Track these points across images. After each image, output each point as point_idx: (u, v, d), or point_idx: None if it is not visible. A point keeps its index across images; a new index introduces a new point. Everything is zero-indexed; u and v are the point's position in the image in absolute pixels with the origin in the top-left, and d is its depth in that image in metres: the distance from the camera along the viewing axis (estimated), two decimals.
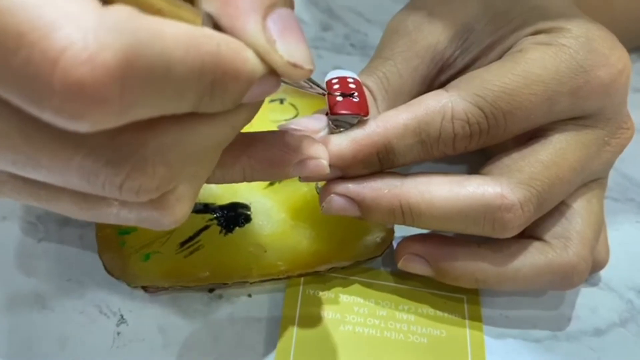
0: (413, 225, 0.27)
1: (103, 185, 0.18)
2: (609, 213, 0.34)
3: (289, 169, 0.24)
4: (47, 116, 0.16)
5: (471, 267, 0.27)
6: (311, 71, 0.20)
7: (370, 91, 0.28)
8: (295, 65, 0.19)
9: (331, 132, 0.26)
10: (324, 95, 0.25)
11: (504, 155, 0.27)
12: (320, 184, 0.27)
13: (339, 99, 0.26)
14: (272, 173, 0.24)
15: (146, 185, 0.19)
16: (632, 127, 0.29)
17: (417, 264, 0.28)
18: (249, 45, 0.19)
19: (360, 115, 0.26)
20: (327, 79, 0.27)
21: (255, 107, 0.21)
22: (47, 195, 0.20)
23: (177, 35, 0.17)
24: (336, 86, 0.27)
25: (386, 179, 0.26)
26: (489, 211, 0.25)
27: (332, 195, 0.26)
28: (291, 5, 0.20)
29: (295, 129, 0.26)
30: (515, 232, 0.26)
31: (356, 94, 0.26)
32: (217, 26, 0.19)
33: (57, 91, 0.15)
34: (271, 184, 0.31)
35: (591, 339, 0.29)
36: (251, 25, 0.19)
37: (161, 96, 0.17)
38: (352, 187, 0.26)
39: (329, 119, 0.26)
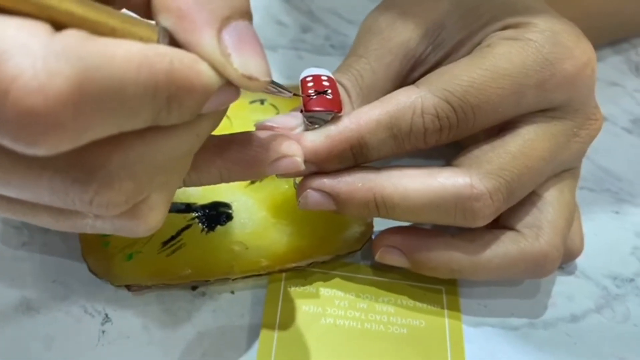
0: (388, 217, 0.27)
1: (73, 202, 0.19)
2: (585, 203, 0.35)
3: (264, 168, 0.25)
4: (5, 142, 0.17)
5: (446, 258, 0.28)
6: (268, 82, 0.21)
7: (345, 88, 0.29)
8: (250, 78, 0.20)
9: (306, 129, 0.27)
10: (291, 97, 0.26)
11: (474, 147, 0.28)
12: (298, 179, 0.28)
13: (313, 96, 0.27)
14: (248, 173, 0.25)
15: (114, 200, 0.19)
16: (601, 118, 0.29)
17: (394, 256, 0.29)
18: (205, 58, 0.19)
19: (334, 112, 0.26)
20: (301, 77, 0.28)
21: (220, 114, 0.22)
22: (23, 210, 0.21)
23: (129, 56, 0.17)
24: (310, 84, 0.27)
25: (360, 173, 0.27)
26: (460, 201, 0.26)
27: (308, 190, 0.27)
28: (249, 18, 0.21)
29: (272, 127, 0.26)
30: (486, 221, 0.27)
31: (330, 91, 0.27)
32: (173, 41, 0.20)
33: (11, 120, 0.16)
34: (252, 182, 0.31)
35: (567, 325, 0.30)
36: (206, 39, 0.19)
37: (116, 116, 0.18)
38: (327, 182, 0.27)
39: (304, 116, 0.27)
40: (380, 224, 0.30)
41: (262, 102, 0.36)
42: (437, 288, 0.30)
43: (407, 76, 0.30)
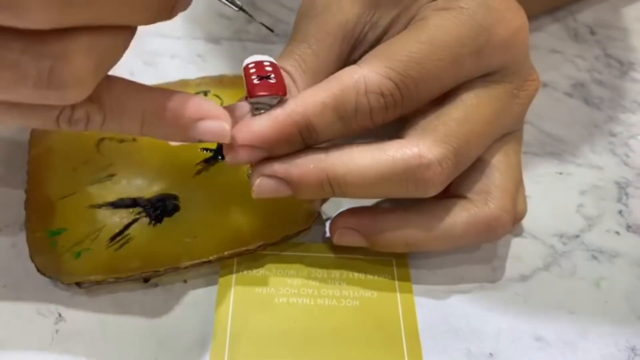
0: (344, 196, 0.28)
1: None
2: (530, 167, 0.36)
3: (189, 127, 0.25)
4: None
5: (401, 234, 0.28)
6: None
7: (289, 74, 0.29)
8: None
9: (253, 116, 0.27)
10: (238, 10, 0.26)
11: (420, 117, 0.28)
12: (251, 169, 0.28)
13: (256, 81, 0.27)
14: (172, 130, 0.25)
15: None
16: (537, 78, 0.30)
17: (351, 237, 0.29)
18: None
19: (279, 96, 0.27)
20: (244, 64, 0.28)
21: None
22: None
23: None
24: (252, 70, 0.27)
25: (311, 155, 0.27)
26: (410, 172, 0.26)
27: (260, 177, 0.27)
28: None
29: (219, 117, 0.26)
30: (438, 189, 0.27)
31: (273, 75, 0.27)
32: None
33: None
34: (199, 172, 0.31)
35: (517, 285, 0.30)
36: None
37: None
38: (278, 167, 0.27)
39: (250, 103, 0.27)
40: (330, 202, 0.31)
41: (205, 93, 0.36)
42: (387, 260, 0.30)
43: (349, 56, 0.30)
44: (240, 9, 0.26)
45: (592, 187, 0.35)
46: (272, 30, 0.29)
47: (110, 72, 0.24)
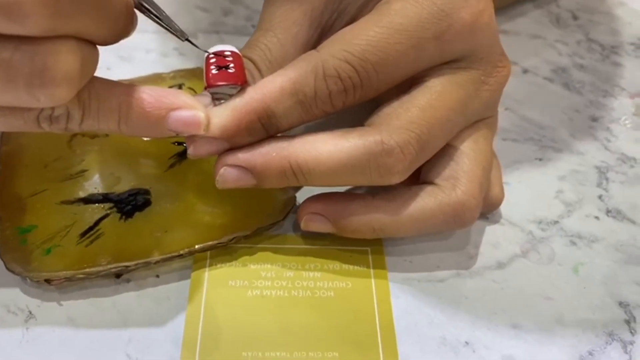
0: (307, 184, 0.28)
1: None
2: (509, 153, 0.36)
3: (164, 119, 0.25)
4: None
5: (367, 219, 0.28)
6: None
7: (254, 63, 0.29)
8: None
9: (215, 107, 0.27)
10: (182, 39, 0.27)
11: (385, 105, 0.28)
12: None
13: (214, 72, 0.26)
14: (148, 124, 0.25)
15: None
16: (508, 65, 0.30)
17: (318, 223, 0.29)
18: None
19: (238, 85, 0.26)
20: (205, 55, 0.28)
21: None
22: None
23: None
24: (212, 60, 0.27)
25: (274, 143, 0.27)
26: (372, 158, 0.26)
27: (224, 167, 0.27)
28: None
29: (179, 105, 0.26)
30: (402, 176, 0.27)
31: (232, 65, 0.27)
32: None
33: None
34: (172, 166, 0.31)
35: (494, 272, 0.30)
36: None
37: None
38: (241, 156, 0.27)
39: (209, 93, 0.27)
40: (305, 194, 0.31)
41: (180, 86, 0.35)
42: (362, 249, 0.30)
43: (317, 44, 0.30)
44: (187, 39, 0.27)
45: (572, 172, 0.35)
46: (207, 52, 0.29)
47: None
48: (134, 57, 0.40)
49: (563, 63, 0.42)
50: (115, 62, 0.39)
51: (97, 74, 0.25)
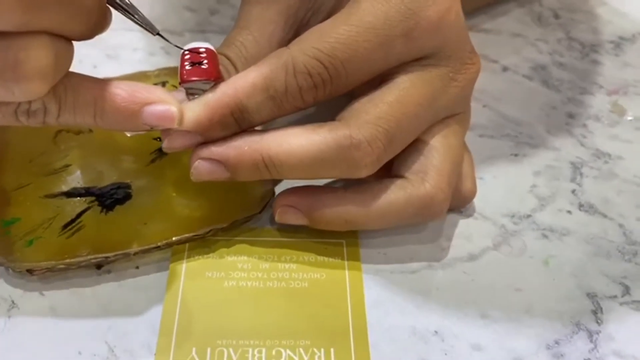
0: (279, 177, 0.29)
1: None
2: (485, 149, 0.36)
3: (139, 113, 0.25)
4: None
5: (339, 211, 0.29)
6: None
7: (231, 61, 0.29)
8: None
9: (189, 101, 0.28)
10: (153, 34, 0.27)
11: (355, 101, 0.29)
12: None
13: (188, 67, 0.27)
14: (123, 118, 0.26)
15: None
16: (478, 62, 0.31)
17: (292, 215, 0.30)
18: None
19: (211, 81, 0.27)
20: (181, 52, 0.29)
21: None
22: None
23: None
24: (187, 56, 0.28)
25: (246, 137, 0.28)
26: (341, 152, 0.27)
27: (197, 160, 0.28)
28: None
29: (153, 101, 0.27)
30: (370, 169, 0.28)
31: (205, 61, 0.28)
32: None
33: None
34: (153, 161, 0.32)
35: (465, 264, 0.31)
36: None
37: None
38: (215, 149, 0.28)
39: (184, 89, 0.28)
40: (283, 187, 0.31)
41: (163, 84, 0.36)
42: (338, 242, 0.31)
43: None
44: (158, 34, 0.28)
45: (547, 168, 0.36)
46: (181, 48, 0.29)
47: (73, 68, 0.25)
48: (120, 55, 0.41)
49: (543, 61, 0.43)
50: (101, 60, 0.40)
51: (84, 71, 0.26)
